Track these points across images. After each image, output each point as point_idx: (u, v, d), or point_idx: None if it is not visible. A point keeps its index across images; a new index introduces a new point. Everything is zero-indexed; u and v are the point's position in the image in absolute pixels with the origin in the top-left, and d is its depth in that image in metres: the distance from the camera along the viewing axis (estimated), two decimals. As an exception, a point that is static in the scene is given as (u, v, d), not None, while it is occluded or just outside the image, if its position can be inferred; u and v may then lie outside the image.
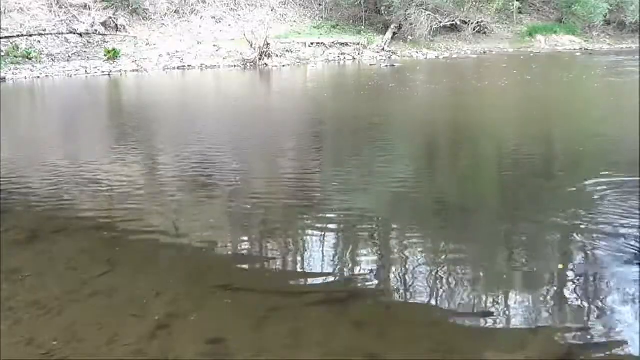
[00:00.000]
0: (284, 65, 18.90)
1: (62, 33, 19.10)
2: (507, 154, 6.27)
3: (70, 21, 20.94)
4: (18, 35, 18.17)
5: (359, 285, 3.07)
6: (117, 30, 21.19)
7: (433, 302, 2.82)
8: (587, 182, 4.69)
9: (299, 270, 3.32)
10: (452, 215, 4.15)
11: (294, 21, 24.15)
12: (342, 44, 21.85)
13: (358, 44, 21.92)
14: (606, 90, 11.95)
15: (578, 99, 11.05)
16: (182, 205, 4.67)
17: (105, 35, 20.39)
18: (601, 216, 4.06)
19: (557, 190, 4.75)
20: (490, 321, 2.62)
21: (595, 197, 4.42)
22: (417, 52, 21.94)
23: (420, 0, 23.08)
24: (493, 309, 2.73)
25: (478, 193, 4.89)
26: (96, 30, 20.74)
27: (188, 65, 18.68)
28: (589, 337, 2.49)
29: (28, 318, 2.76)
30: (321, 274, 3.23)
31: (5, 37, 17.17)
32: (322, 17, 24.52)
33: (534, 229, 3.90)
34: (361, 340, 2.50)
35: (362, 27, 23.86)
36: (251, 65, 18.79)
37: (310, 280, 3.15)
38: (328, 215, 4.18)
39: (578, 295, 2.89)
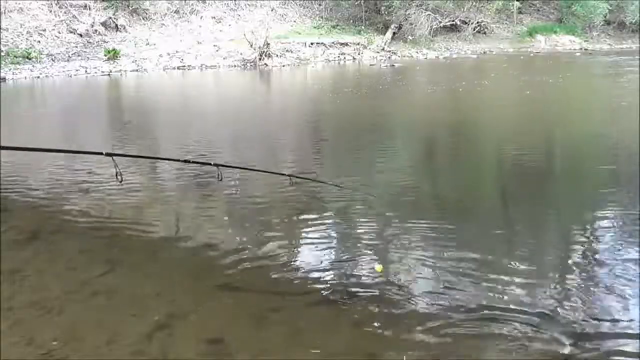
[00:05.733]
0: (284, 65, 18.91)
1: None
2: (500, 152, 6.28)
3: (70, 21, 20.95)
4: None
5: (359, 285, 3.07)
6: (117, 31, 21.20)
7: (433, 302, 2.82)
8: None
9: (299, 270, 3.32)
10: (453, 214, 4.15)
11: (294, 21, 24.16)
12: (342, 44, 21.85)
13: (358, 44, 21.92)
14: (603, 93, 11.98)
15: (570, 101, 11.07)
16: (182, 205, 4.68)
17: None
18: (601, 214, 4.07)
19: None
20: (490, 321, 2.62)
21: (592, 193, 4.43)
22: (417, 52, 21.95)
23: (420, 0, 23.08)
24: (493, 309, 2.73)
25: (478, 192, 4.89)
26: (96, 30, 20.75)
27: (188, 66, 18.69)
28: (589, 337, 2.49)
29: (28, 318, 2.76)
30: (321, 274, 3.22)
31: None
32: (322, 17, 24.52)
33: (535, 228, 3.90)
34: (361, 340, 2.50)
35: (362, 27, 23.86)
36: (251, 66, 18.79)
37: (310, 280, 3.15)
38: (328, 215, 4.19)
39: (578, 295, 2.88)
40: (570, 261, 3.31)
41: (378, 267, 2.63)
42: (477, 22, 24.28)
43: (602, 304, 2.77)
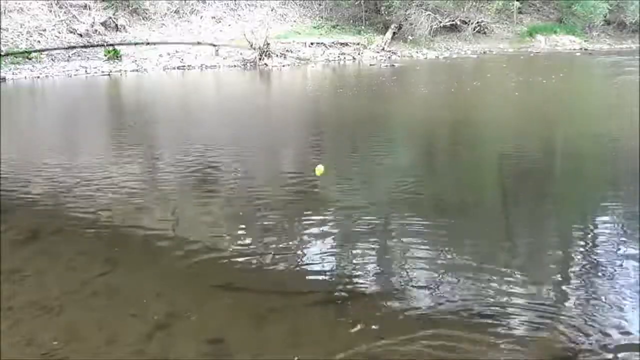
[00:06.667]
0: (284, 66, 18.90)
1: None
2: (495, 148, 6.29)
3: (70, 21, 20.95)
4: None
5: (359, 285, 3.07)
6: (117, 31, 21.20)
7: (433, 302, 2.82)
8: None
9: (299, 270, 3.32)
10: (453, 214, 4.15)
11: (294, 21, 24.15)
12: (342, 44, 21.84)
13: (358, 44, 21.91)
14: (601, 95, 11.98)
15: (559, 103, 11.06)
16: (182, 205, 4.68)
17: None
18: (601, 213, 4.08)
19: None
20: (490, 321, 2.62)
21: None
22: (417, 52, 21.94)
23: (420, 0, 23.07)
24: (493, 309, 2.73)
25: (478, 192, 4.89)
26: (96, 30, 20.75)
27: (188, 66, 18.68)
28: (589, 337, 2.49)
29: (28, 318, 2.76)
30: (321, 274, 3.23)
31: None
32: (322, 17, 24.52)
33: (534, 228, 3.90)
34: (361, 340, 2.50)
35: (362, 27, 23.86)
36: (251, 66, 18.79)
37: (310, 280, 3.15)
38: (328, 215, 4.19)
39: (579, 295, 2.89)
40: (570, 261, 3.31)
41: (318, 170, 2.44)
42: (477, 22, 24.27)
43: (602, 303, 2.77)
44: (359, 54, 21.12)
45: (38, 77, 16.59)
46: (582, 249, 3.47)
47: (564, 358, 2.37)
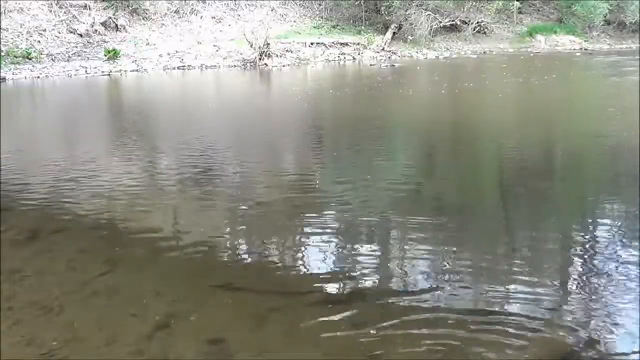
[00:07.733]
0: (284, 65, 18.91)
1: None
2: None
3: (70, 21, 20.95)
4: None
5: (359, 285, 3.07)
6: (117, 31, 21.21)
7: (433, 302, 2.82)
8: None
9: (299, 270, 3.32)
10: (453, 214, 4.15)
11: (294, 21, 24.15)
12: (342, 44, 21.83)
13: (358, 44, 21.90)
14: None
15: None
16: (182, 205, 4.68)
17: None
18: (600, 214, 4.08)
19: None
20: (490, 321, 2.62)
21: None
22: (417, 52, 21.93)
23: (420, 0, 23.06)
24: (493, 309, 2.73)
25: (477, 192, 4.89)
26: (96, 30, 20.75)
27: (188, 65, 18.68)
28: (589, 337, 2.49)
29: (28, 318, 2.76)
30: (321, 274, 3.23)
31: None
32: (322, 17, 24.51)
33: (534, 228, 3.90)
34: (361, 340, 2.50)
35: (362, 27, 23.85)
36: (251, 65, 18.78)
37: (310, 280, 3.15)
38: (328, 215, 4.19)
39: (578, 295, 2.89)
40: (570, 260, 3.31)
41: None
42: (477, 22, 24.24)
43: (602, 303, 2.77)
44: (359, 54, 21.11)
45: (38, 77, 16.59)
46: (582, 249, 3.47)
47: (564, 358, 2.37)
